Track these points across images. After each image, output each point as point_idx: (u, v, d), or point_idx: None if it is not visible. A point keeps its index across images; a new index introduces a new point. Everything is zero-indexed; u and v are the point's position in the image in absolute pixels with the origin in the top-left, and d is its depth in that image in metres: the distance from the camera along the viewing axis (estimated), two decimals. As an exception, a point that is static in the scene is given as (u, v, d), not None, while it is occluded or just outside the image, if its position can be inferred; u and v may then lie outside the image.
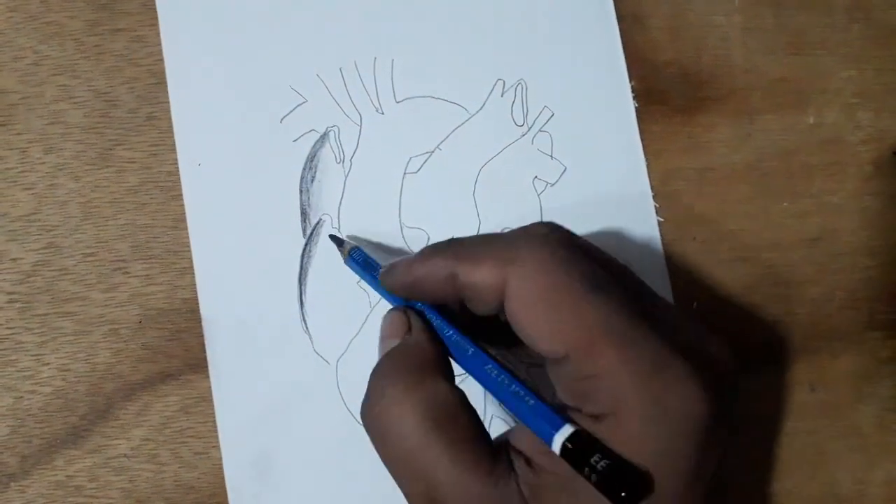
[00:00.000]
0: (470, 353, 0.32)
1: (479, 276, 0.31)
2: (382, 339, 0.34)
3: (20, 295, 0.39)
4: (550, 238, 0.32)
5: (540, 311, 0.30)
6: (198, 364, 0.39)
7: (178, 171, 0.40)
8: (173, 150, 0.40)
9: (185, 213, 0.40)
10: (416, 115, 0.41)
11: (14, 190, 0.39)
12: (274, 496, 0.39)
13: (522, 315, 0.30)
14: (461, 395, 0.31)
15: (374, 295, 0.39)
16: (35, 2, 0.40)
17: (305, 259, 0.40)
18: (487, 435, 0.31)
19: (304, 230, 0.40)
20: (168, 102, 0.40)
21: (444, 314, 0.34)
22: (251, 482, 0.39)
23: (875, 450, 0.42)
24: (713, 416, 0.29)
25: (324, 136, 0.41)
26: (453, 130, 0.41)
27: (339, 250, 0.39)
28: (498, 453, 0.30)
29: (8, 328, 0.39)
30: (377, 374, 0.32)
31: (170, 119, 0.40)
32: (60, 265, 0.39)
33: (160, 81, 0.40)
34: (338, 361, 0.40)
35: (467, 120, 0.41)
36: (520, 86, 0.42)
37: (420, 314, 0.34)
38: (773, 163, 0.43)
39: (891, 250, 0.43)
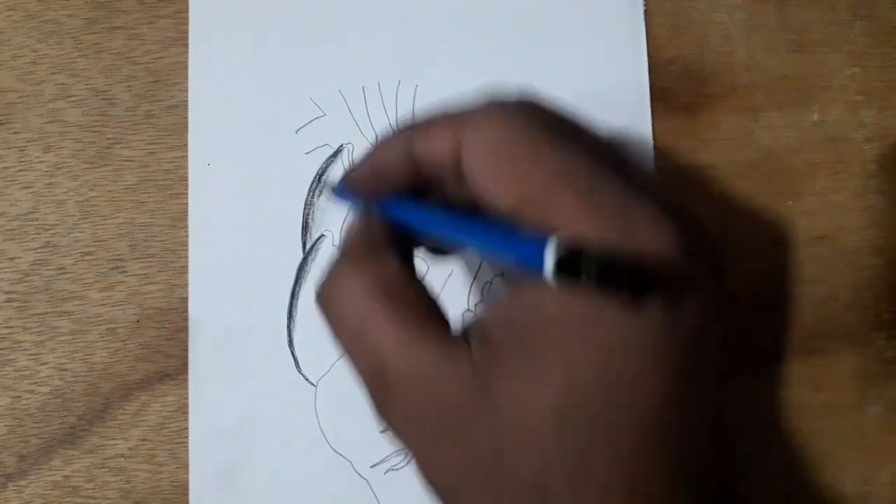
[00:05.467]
0: (439, 212, 0.31)
1: (434, 142, 0.30)
2: (342, 239, 0.33)
3: (18, 294, 0.39)
4: (504, 98, 0.30)
5: (495, 164, 0.28)
6: (196, 364, 0.39)
7: (176, 169, 0.40)
8: (172, 148, 0.40)
9: (183, 212, 0.40)
10: None
11: (12, 189, 0.39)
12: None
13: (478, 171, 0.28)
14: (412, 270, 0.30)
15: None
16: (33, 0, 0.40)
17: (301, 273, 0.40)
18: (442, 313, 0.29)
19: (304, 244, 0.40)
20: (167, 101, 0.40)
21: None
22: (214, 490, 0.38)
23: (880, 450, 0.42)
24: (685, 260, 0.27)
25: (337, 153, 0.41)
26: None
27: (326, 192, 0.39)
28: (451, 330, 0.29)
29: (6, 327, 0.39)
30: (330, 262, 0.31)
31: (168, 118, 0.40)
32: (58, 264, 0.39)
33: (158, 80, 0.40)
34: (318, 382, 0.39)
35: None
36: None
37: (376, 207, 0.32)
38: (777, 160, 0.43)
39: (896, 249, 0.43)
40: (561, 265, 0.25)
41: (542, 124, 0.28)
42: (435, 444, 0.28)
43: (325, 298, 0.30)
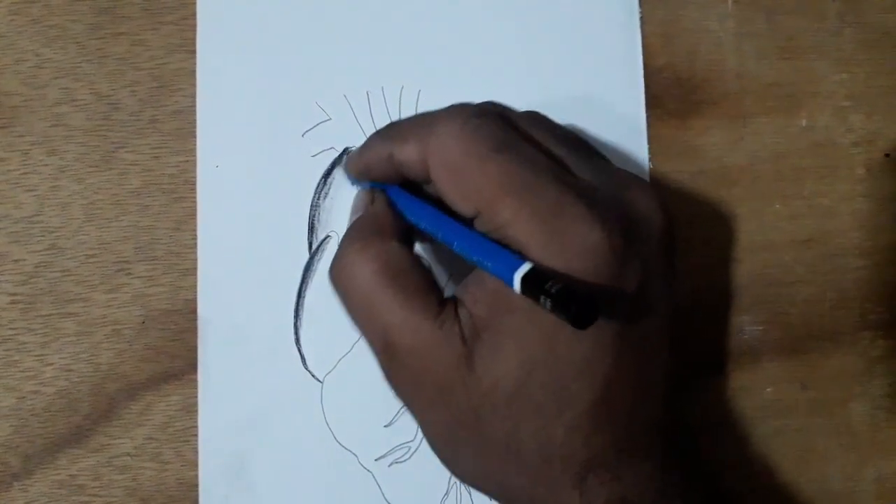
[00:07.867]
0: (432, 215, 0.35)
1: (407, 153, 0.34)
2: (351, 214, 0.38)
3: (23, 296, 0.39)
4: (465, 108, 0.35)
5: (453, 176, 0.33)
6: (200, 364, 0.40)
7: (180, 173, 0.40)
8: (176, 153, 0.40)
9: (187, 215, 0.40)
10: None
11: (16, 191, 0.39)
12: (243, 500, 0.39)
13: (441, 182, 0.33)
14: (413, 255, 0.34)
15: None
16: (37, 5, 0.40)
17: (307, 273, 0.40)
18: (438, 290, 0.34)
19: (310, 244, 0.40)
20: (171, 106, 0.40)
21: (410, 191, 0.37)
22: (223, 483, 0.39)
23: (866, 448, 0.43)
24: (614, 252, 0.31)
25: (342, 155, 0.41)
26: None
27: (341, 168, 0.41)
28: (445, 304, 0.33)
29: (10, 329, 0.39)
30: (342, 239, 0.35)
31: (172, 123, 0.40)
32: (63, 266, 0.39)
33: (162, 85, 0.40)
34: (324, 378, 0.40)
35: None
36: None
37: (383, 192, 0.37)
38: (766, 165, 0.43)
39: (882, 251, 0.44)
40: (525, 287, 0.30)
41: (489, 134, 0.33)
42: (431, 407, 0.33)
43: (336, 276, 0.35)
